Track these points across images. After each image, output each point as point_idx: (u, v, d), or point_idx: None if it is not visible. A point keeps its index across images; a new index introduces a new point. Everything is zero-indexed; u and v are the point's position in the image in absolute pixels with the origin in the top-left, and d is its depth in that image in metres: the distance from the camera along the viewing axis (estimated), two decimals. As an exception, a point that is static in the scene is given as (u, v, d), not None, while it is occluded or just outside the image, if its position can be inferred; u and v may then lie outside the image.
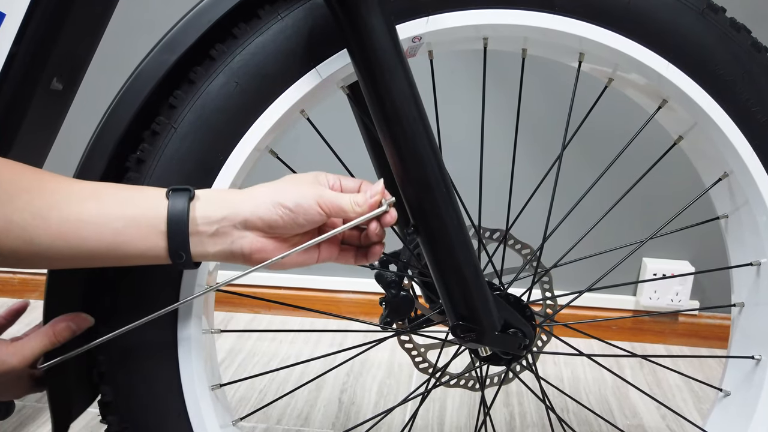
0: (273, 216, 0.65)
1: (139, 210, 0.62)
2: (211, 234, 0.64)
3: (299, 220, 0.65)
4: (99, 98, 1.29)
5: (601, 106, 0.85)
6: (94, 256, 0.61)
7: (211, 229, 0.64)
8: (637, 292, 1.76)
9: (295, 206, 0.65)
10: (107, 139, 0.71)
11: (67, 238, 0.60)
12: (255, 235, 0.65)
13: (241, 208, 0.65)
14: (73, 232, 0.60)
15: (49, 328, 0.69)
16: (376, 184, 0.69)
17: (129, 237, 0.62)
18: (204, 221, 0.64)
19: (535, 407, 1.46)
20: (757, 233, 0.81)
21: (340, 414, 1.42)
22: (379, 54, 0.66)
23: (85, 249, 0.61)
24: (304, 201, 0.65)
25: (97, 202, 0.61)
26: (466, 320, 0.75)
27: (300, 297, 1.79)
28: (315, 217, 0.66)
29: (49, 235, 0.59)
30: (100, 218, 0.61)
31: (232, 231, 0.64)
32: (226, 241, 0.65)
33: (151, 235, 0.62)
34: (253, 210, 0.64)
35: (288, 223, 0.65)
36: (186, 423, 0.76)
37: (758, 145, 0.78)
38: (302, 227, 0.66)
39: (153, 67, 0.70)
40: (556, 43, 0.77)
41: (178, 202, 0.63)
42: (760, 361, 0.84)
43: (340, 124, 1.09)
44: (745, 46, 0.77)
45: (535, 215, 0.97)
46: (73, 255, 0.61)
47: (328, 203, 0.66)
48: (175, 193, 0.64)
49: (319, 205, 0.66)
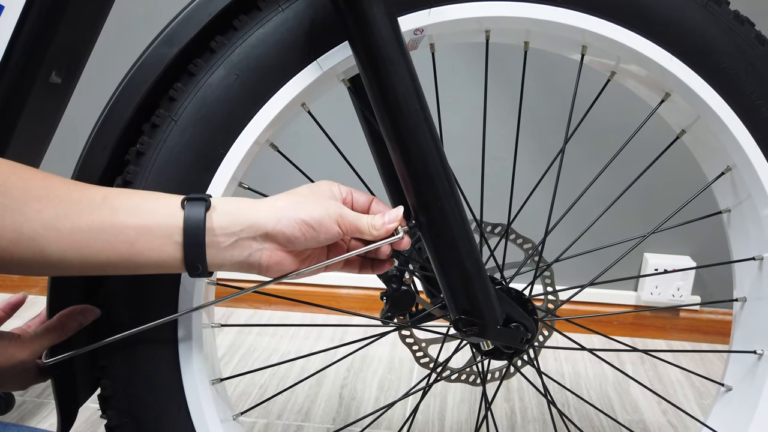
0: (295, 233, 0.64)
1: (154, 219, 0.61)
2: (229, 245, 0.63)
3: (320, 237, 0.65)
4: (97, 91, 1.29)
5: (603, 101, 0.85)
6: (107, 266, 0.60)
7: (229, 240, 0.63)
8: (638, 288, 1.76)
9: (318, 225, 0.65)
10: (108, 133, 0.71)
11: (79, 249, 0.58)
12: (274, 248, 0.64)
13: (262, 221, 0.63)
14: (85, 243, 0.58)
15: (57, 321, 0.68)
16: (395, 210, 0.70)
17: (143, 247, 0.60)
18: (222, 232, 0.62)
19: (536, 402, 1.46)
20: (759, 227, 0.81)
21: (341, 409, 1.42)
22: (381, 46, 0.65)
23: (97, 260, 0.59)
24: (326, 220, 0.65)
25: (110, 211, 0.60)
26: (468, 314, 0.75)
27: (300, 292, 1.79)
28: (334, 236, 0.66)
29: (60, 246, 0.58)
30: (114, 228, 0.59)
31: (251, 243, 0.64)
32: (243, 253, 0.63)
33: (167, 246, 0.61)
34: (275, 224, 0.64)
35: (309, 240, 0.65)
36: (186, 418, 0.75)
37: (762, 139, 0.77)
38: (320, 243, 0.66)
39: (153, 61, 0.70)
40: (559, 36, 0.77)
41: (194, 212, 0.61)
42: (762, 355, 0.84)
43: (340, 117, 1.08)
44: (749, 39, 0.76)
45: (536, 210, 0.96)
46: (84, 265, 0.59)
47: (347, 224, 0.67)
48: (191, 202, 0.62)
49: (339, 225, 0.66)
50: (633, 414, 1.43)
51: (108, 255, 0.59)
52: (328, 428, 1.35)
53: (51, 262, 0.58)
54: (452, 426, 1.37)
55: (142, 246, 0.60)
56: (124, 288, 0.71)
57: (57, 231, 0.57)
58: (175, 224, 0.61)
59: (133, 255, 0.60)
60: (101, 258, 0.59)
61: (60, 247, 0.58)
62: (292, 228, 0.64)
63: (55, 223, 0.57)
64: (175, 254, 0.61)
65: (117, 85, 0.71)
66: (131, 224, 0.60)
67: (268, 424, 1.36)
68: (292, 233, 0.64)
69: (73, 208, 0.58)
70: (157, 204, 0.62)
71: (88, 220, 0.59)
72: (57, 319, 0.69)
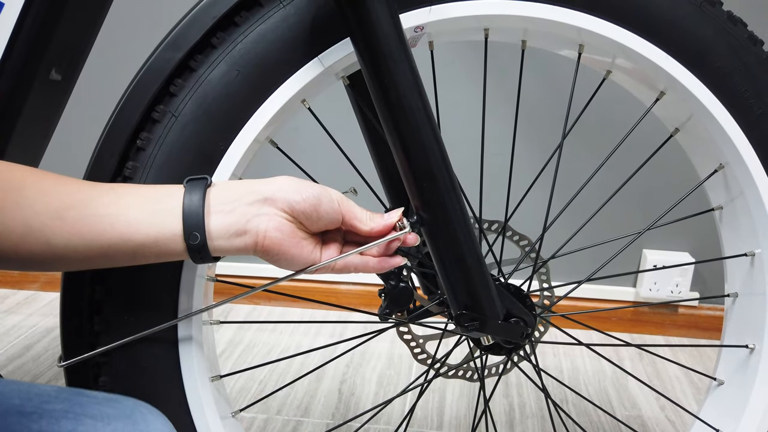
0: (296, 197, 0.64)
1: (154, 197, 0.63)
2: (228, 212, 0.63)
3: (321, 207, 0.65)
4: (98, 90, 1.30)
5: (600, 98, 0.86)
6: (109, 250, 0.61)
7: (227, 207, 0.63)
8: (637, 284, 1.76)
9: (319, 197, 0.65)
10: (116, 140, 0.71)
11: (82, 235, 0.60)
12: (273, 213, 0.64)
13: (262, 187, 0.64)
14: (88, 228, 0.60)
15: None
16: (394, 211, 0.70)
17: (143, 224, 0.61)
18: (220, 201, 0.63)
19: (535, 398, 1.46)
20: (751, 224, 0.82)
21: (340, 405, 1.42)
22: (383, 43, 0.65)
23: (99, 243, 0.60)
24: (327, 197, 0.66)
25: (114, 196, 0.62)
26: (469, 309, 0.76)
27: (300, 288, 1.80)
28: (332, 213, 0.66)
29: (64, 234, 0.59)
30: (117, 209, 0.61)
31: (250, 209, 0.63)
32: (242, 220, 0.63)
33: (166, 221, 0.62)
34: (276, 190, 0.64)
35: (309, 207, 0.65)
36: (186, 414, 0.76)
37: (754, 137, 0.78)
38: (319, 219, 0.66)
39: (159, 66, 0.71)
40: (556, 35, 0.77)
41: (194, 185, 0.63)
42: (753, 350, 0.85)
43: (339, 114, 1.09)
44: (742, 39, 0.77)
45: (534, 207, 0.97)
46: (88, 251, 0.60)
47: (347, 208, 0.67)
48: (192, 181, 0.64)
49: (339, 204, 0.66)
50: (631, 410, 1.44)
51: (109, 237, 0.60)
52: (328, 423, 1.35)
53: (57, 251, 0.59)
54: (451, 421, 1.37)
55: (142, 223, 0.61)
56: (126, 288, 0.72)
57: (62, 221, 0.59)
58: (176, 199, 0.62)
59: (133, 234, 0.61)
60: (103, 240, 0.60)
61: (64, 236, 0.59)
62: (294, 191, 0.64)
63: (61, 213, 0.59)
64: (174, 227, 0.62)
65: (124, 91, 0.71)
66: (132, 203, 0.61)
67: (268, 419, 1.36)
68: (293, 198, 0.64)
69: (79, 201, 0.60)
70: (160, 188, 0.64)
71: (93, 206, 0.60)
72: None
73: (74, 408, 0.60)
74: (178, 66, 0.71)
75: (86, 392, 0.63)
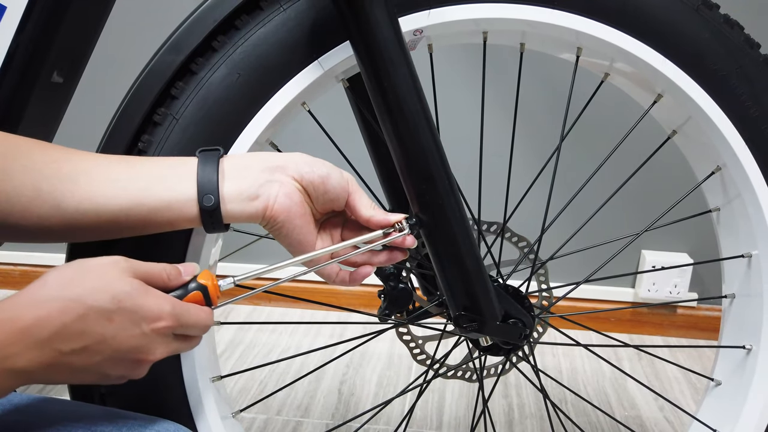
0: (306, 168, 0.65)
1: (168, 164, 0.63)
2: (241, 177, 0.64)
3: (329, 181, 0.66)
4: (99, 92, 1.30)
5: (598, 100, 0.86)
6: (120, 215, 0.61)
7: (241, 173, 0.64)
8: (635, 284, 1.77)
9: (330, 169, 0.66)
10: (118, 142, 0.72)
11: (93, 198, 0.60)
12: (284, 180, 0.65)
13: (274, 158, 0.65)
14: (100, 191, 0.60)
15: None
16: (398, 213, 0.71)
17: (156, 188, 0.61)
18: (234, 167, 0.64)
19: (534, 398, 1.47)
20: (748, 225, 0.82)
21: (340, 405, 1.43)
22: (383, 46, 0.66)
23: (110, 208, 0.60)
24: (338, 172, 0.67)
25: (126, 164, 0.62)
26: (468, 310, 0.76)
27: (300, 289, 1.80)
28: (339, 190, 0.67)
29: (75, 197, 0.59)
30: (130, 175, 0.61)
31: (262, 174, 0.64)
32: (254, 185, 0.64)
33: (180, 184, 0.62)
34: (288, 159, 0.65)
35: (318, 178, 0.66)
36: (187, 414, 0.76)
37: (750, 139, 0.79)
38: (326, 192, 0.66)
39: (161, 68, 0.71)
40: (554, 38, 0.78)
41: (208, 154, 0.64)
42: (750, 350, 0.85)
43: (339, 116, 1.09)
44: (739, 42, 0.78)
45: (532, 208, 0.97)
46: (98, 217, 0.60)
47: (354, 186, 0.68)
48: (204, 151, 0.65)
49: (348, 183, 0.67)
50: (630, 410, 1.44)
51: (121, 201, 0.60)
52: (327, 424, 1.36)
53: (67, 216, 0.59)
54: (450, 421, 1.38)
55: (155, 187, 0.61)
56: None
57: (74, 183, 0.59)
58: (190, 166, 0.63)
59: (145, 198, 0.61)
60: (114, 206, 0.60)
61: (75, 199, 0.59)
62: (305, 164, 0.66)
63: (73, 176, 0.60)
64: (188, 190, 0.62)
65: (126, 93, 0.72)
66: (146, 170, 0.62)
67: (268, 419, 1.37)
68: (303, 168, 0.65)
69: (92, 164, 0.61)
70: (173, 158, 0.65)
71: (104, 171, 0.61)
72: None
73: (122, 430, 0.61)
74: (180, 69, 0.71)
75: (127, 413, 0.64)
